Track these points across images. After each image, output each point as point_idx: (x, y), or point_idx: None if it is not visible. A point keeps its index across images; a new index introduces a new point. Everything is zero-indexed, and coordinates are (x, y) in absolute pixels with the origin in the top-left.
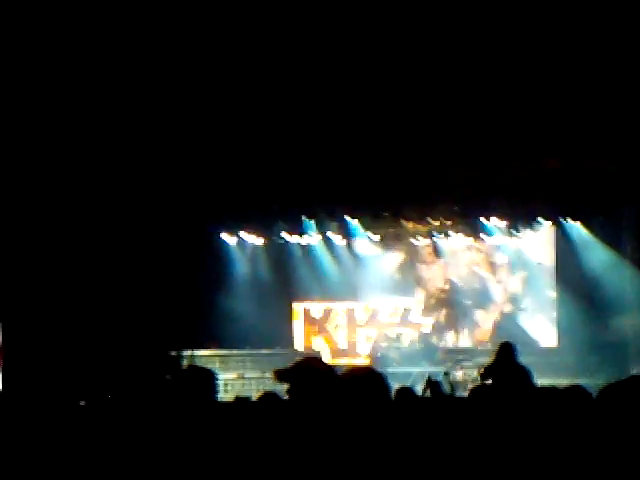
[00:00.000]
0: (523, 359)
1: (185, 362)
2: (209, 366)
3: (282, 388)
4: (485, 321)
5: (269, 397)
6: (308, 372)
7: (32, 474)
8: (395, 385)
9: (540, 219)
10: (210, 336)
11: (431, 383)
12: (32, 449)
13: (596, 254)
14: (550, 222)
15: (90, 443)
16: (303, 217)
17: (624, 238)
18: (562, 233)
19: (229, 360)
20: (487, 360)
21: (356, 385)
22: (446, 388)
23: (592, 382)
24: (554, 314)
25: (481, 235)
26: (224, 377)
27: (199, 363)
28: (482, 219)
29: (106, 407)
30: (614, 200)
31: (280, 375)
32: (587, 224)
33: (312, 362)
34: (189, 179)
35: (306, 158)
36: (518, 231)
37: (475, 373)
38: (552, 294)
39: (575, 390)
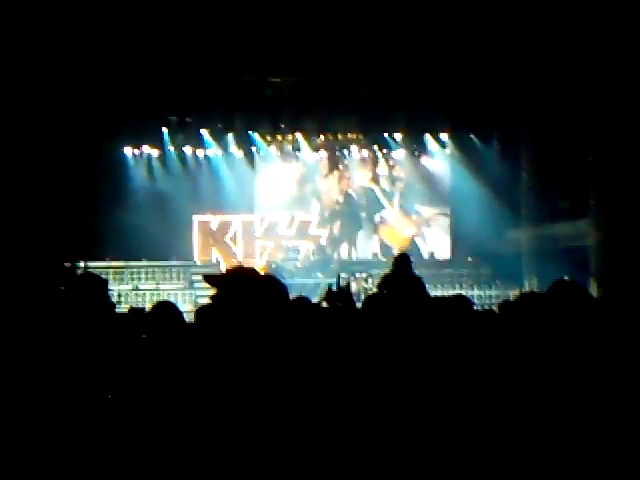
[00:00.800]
0: (418, 271)
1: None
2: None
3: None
4: (381, 234)
5: (164, 306)
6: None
7: None
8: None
9: (439, 134)
10: (106, 248)
11: (330, 293)
12: None
13: (493, 168)
14: (448, 136)
15: None
16: (202, 130)
17: (521, 152)
18: (460, 147)
19: (124, 272)
20: (380, 272)
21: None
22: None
23: (484, 293)
24: (448, 227)
25: (379, 148)
26: (118, 289)
27: None
28: (382, 133)
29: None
30: (512, 114)
31: (210, 279)
32: (485, 138)
33: (247, 272)
34: (86, 91)
35: (202, 69)
36: (417, 144)
37: (368, 284)
38: (447, 207)
39: (458, 300)
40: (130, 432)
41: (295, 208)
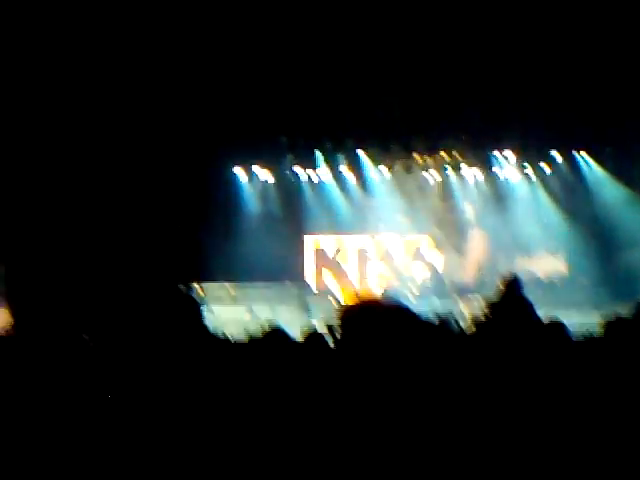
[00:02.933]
0: (532, 294)
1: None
2: (218, 300)
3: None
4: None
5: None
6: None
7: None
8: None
9: (552, 152)
10: (220, 270)
11: (441, 320)
12: (42, 385)
13: (607, 188)
14: (561, 155)
15: (93, 375)
16: (314, 150)
17: (636, 172)
18: (574, 166)
19: (238, 293)
20: (493, 294)
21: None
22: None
23: (600, 316)
24: (564, 249)
25: (491, 168)
26: (233, 309)
27: (209, 296)
28: (493, 151)
29: (110, 341)
30: (627, 133)
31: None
32: (598, 157)
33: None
34: (199, 113)
35: (316, 90)
36: (529, 164)
37: (481, 307)
38: (563, 229)
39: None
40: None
41: (409, 231)
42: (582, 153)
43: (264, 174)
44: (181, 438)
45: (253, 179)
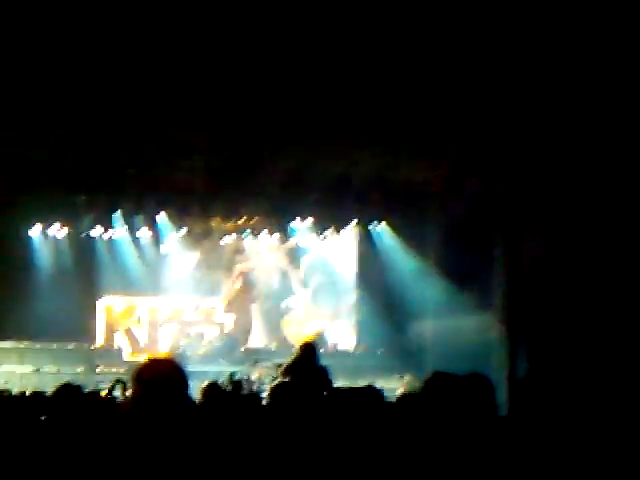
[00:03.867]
0: (322, 361)
1: None
2: (6, 359)
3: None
4: (287, 322)
5: (66, 389)
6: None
7: None
8: (194, 383)
9: (348, 221)
10: (9, 328)
11: (233, 382)
12: None
13: (400, 258)
14: (355, 223)
15: None
16: (114, 209)
17: (429, 243)
18: (367, 235)
19: (26, 353)
20: (287, 360)
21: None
22: (245, 387)
23: (389, 385)
24: (354, 318)
25: (288, 235)
26: (21, 370)
27: None
28: (291, 219)
29: None
30: (420, 204)
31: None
32: (393, 227)
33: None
34: None
35: (114, 148)
36: (323, 232)
37: (273, 373)
38: (352, 297)
39: (369, 390)
40: None
41: (201, 293)
42: (379, 223)
43: (59, 232)
44: None
45: (47, 236)
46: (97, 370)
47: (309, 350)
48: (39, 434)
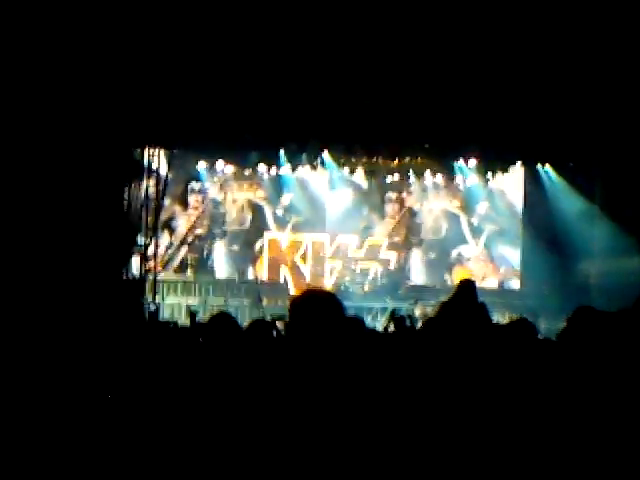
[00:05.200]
0: (485, 299)
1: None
2: (171, 291)
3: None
4: (458, 273)
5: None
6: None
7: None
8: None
9: (512, 162)
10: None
11: (395, 318)
12: None
13: (566, 199)
14: (522, 165)
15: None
16: (279, 149)
17: (595, 185)
18: (533, 176)
19: (192, 286)
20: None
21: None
22: (408, 323)
23: (553, 324)
24: (520, 257)
25: (452, 175)
26: (187, 302)
27: (162, 289)
28: (454, 159)
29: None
30: (587, 146)
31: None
32: (559, 169)
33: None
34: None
35: (283, 90)
36: (489, 173)
37: (434, 309)
38: (519, 237)
39: (521, 323)
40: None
41: (366, 230)
42: (545, 165)
43: (225, 168)
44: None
45: (214, 172)
46: (262, 303)
47: (468, 287)
48: (196, 359)
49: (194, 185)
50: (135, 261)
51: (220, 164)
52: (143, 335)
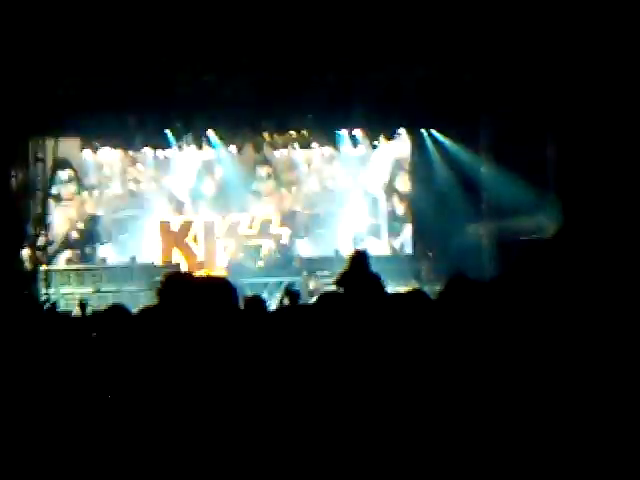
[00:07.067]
0: (378, 267)
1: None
2: (63, 281)
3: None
4: (341, 231)
5: (116, 310)
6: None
7: None
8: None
9: (399, 129)
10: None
11: (289, 292)
12: None
13: (453, 163)
14: (408, 131)
15: None
16: (164, 129)
17: (481, 147)
18: (419, 142)
19: (85, 275)
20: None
21: (206, 293)
22: (304, 297)
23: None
24: (410, 222)
25: (337, 145)
26: (80, 292)
27: (54, 279)
28: (340, 129)
29: None
30: (471, 109)
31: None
32: (445, 133)
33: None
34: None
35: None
36: (375, 141)
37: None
38: (408, 203)
39: (415, 295)
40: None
41: (256, 207)
42: (430, 130)
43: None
44: None
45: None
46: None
47: (360, 257)
48: (89, 351)
49: (79, 173)
50: (25, 252)
51: (106, 150)
52: (41, 327)
